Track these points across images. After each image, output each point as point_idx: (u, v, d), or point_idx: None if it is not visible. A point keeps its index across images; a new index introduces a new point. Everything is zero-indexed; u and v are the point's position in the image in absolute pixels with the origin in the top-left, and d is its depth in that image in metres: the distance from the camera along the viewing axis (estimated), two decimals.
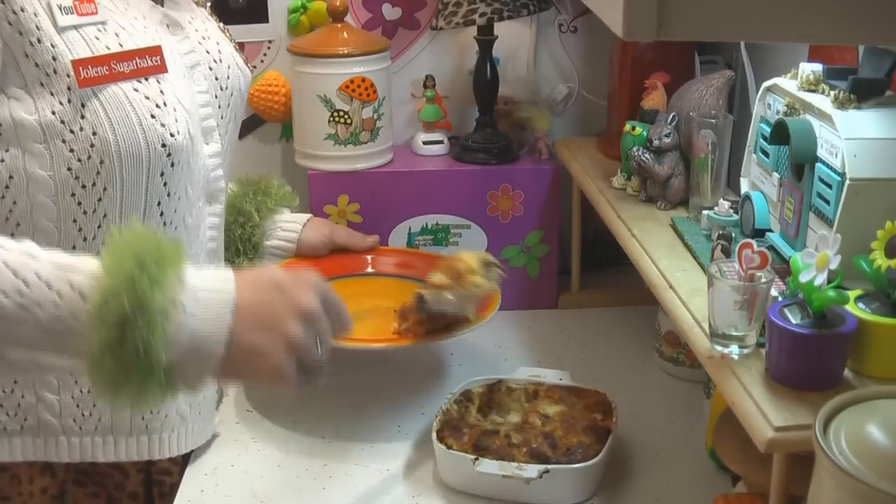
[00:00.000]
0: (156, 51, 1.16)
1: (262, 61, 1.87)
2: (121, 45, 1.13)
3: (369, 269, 1.67)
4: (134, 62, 1.13)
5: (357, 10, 1.84)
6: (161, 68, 1.16)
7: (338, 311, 1.03)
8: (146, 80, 1.14)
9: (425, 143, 1.83)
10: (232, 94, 1.33)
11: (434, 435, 1.31)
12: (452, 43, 1.87)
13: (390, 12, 1.85)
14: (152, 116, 1.13)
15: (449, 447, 1.29)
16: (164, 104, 1.15)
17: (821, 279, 1.00)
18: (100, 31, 1.12)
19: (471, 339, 1.70)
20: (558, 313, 1.81)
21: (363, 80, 1.70)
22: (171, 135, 1.14)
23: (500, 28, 1.76)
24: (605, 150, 1.77)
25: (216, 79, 1.30)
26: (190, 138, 1.18)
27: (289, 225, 1.61)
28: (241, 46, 1.88)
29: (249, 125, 1.92)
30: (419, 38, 1.87)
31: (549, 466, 1.24)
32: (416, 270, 1.62)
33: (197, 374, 0.94)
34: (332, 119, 1.71)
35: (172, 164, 1.16)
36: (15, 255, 0.91)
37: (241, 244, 1.55)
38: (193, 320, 0.92)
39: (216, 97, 1.30)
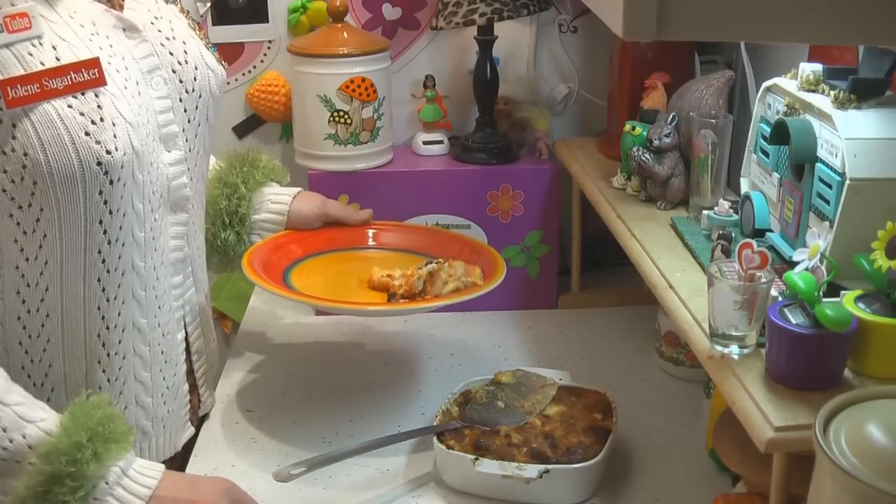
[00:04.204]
0: (93, 63, 1.10)
1: (262, 61, 1.87)
2: (58, 59, 1.08)
3: (371, 243, 1.61)
4: (68, 77, 1.07)
5: (357, 10, 1.84)
6: (99, 81, 1.10)
7: None
8: (82, 94, 1.09)
9: (425, 143, 1.83)
10: (200, 96, 1.27)
11: (434, 435, 1.31)
12: (452, 43, 1.87)
13: (390, 12, 1.85)
14: (86, 134, 1.08)
15: (449, 447, 1.29)
16: (101, 119, 1.09)
17: (812, 263, 1.01)
18: (34, 46, 1.07)
19: (471, 338, 1.71)
20: (558, 313, 1.81)
21: (363, 80, 1.70)
22: (108, 152, 1.09)
23: (500, 28, 1.76)
24: (605, 150, 1.77)
25: (180, 81, 1.24)
26: (134, 153, 1.13)
27: (278, 197, 1.54)
28: (241, 47, 1.88)
29: (249, 125, 1.92)
30: (419, 38, 1.87)
31: (549, 466, 1.24)
32: (418, 244, 1.60)
33: None
34: (332, 119, 1.71)
35: (111, 182, 1.11)
36: None
37: (226, 216, 1.49)
38: (112, 497, 1.07)
39: (180, 101, 1.24)
